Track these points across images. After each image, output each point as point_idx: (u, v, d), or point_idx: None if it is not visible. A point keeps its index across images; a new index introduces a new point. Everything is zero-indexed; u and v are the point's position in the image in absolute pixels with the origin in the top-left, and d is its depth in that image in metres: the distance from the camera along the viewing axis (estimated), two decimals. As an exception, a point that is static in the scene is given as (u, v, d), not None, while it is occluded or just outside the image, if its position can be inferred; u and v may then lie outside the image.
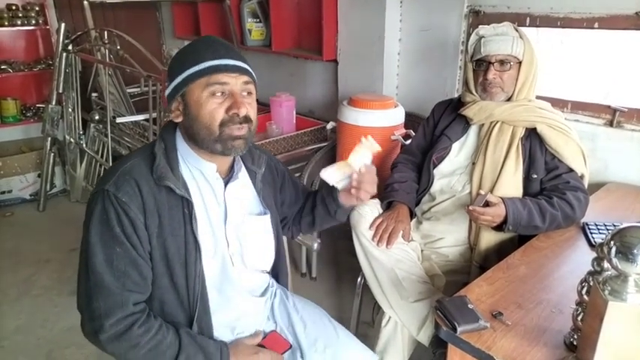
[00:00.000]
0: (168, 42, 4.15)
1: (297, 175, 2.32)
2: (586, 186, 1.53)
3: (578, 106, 1.98)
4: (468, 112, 1.60)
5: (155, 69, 2.33)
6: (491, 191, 1.49)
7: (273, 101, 2.65)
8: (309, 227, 1.40)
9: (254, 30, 3.20)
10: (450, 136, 1.66)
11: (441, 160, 1.66)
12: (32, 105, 3.63)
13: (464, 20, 2.21)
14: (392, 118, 2.12)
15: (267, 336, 1.22)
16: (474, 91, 1.60)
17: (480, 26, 1.57)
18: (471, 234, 1.58)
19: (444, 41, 2.29)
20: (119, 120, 2.77)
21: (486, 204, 1.41)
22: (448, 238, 1.62)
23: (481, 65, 1.56)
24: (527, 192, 1.52)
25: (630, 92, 1.87)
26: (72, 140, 3.25)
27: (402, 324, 1.50)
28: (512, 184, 1.51)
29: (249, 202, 1.21)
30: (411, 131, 2.11)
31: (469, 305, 1.07)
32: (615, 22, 1.79)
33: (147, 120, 2.56)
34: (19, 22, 3.35)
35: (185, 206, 1.06)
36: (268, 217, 1.22)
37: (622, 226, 0.84)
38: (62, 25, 3.01)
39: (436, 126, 1.76)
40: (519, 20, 2.00)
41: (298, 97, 2.76)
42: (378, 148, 1.18)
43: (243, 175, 1.21)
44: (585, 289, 0.93)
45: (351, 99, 2.15)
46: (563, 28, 1.93)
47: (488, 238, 1.52)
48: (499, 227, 1.43)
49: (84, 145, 3.21)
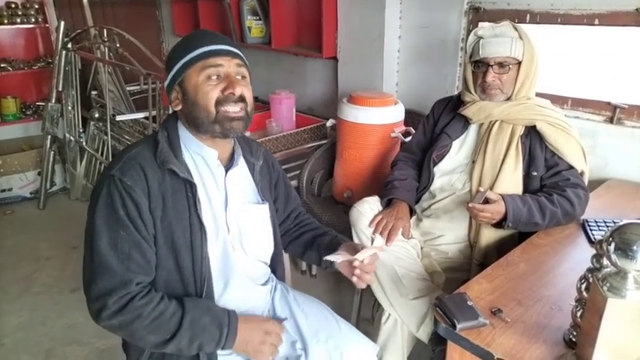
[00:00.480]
0: (167, 40, 4.15)
1: (297, 172, 2.33)
2: (586, 183, 1.53)
3: (579, 103, 1.98)
4: (467, 112, 1.60)
5: (155, 67, 2.33)
6: (490, 189, 1.49)
7: (273, 99, 2.65)
8: (293, 253, 1.44)
9: (254, 27, 3.19)
10: (450, 134, 1.66)
11: (441, 158, 1.66)
12: (32, 103, 3.63)
13: (464, 17, 2.20)
14: (392, 115, 2.12)
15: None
16: (472, 91, 1.59)
17: (479, 25, 1.57)
18: (470, 231, 1.58)
19: (444, 38, 2.29)
20: (119, 118, 2.77)
21: (486, 201, 1.41)
22: (448, 235, 1.62)
23: (480, 67, 1.55)
24: (527, 189, 1.52)
25: (631, 89, 1.86)
26: (72, 138, 3.25)
27: (402, 321, 1.50)
28: (512, 181, 1.51)
29: (249, 192, 1.24)
30: (411, 129, 2.11)
31: (468, 302, 1.07)
32: (616, 18, 1.79)
33: (147, 118, 2.56)
34: (19, 21, 3.36)
35: (188, 189, 1.08)
36: (267, 207, 1.24)
37: (621, 223, 0.83)
38: (62, 23, 3.01)
39: (436, 124, 1.75)
40: (519, 17, 1.99)
41: (298, 94, 2.76)
42: (386, 248, 1.26)
43: (243, 165, 1.23)
44: (585, 286, 0.93)
45: (351, 96, 2.15)
46: (563, 24, 1.93)
47: (488, 236, 1.52)
48: (499, 224, 1.43)
49: (84, 143, 3.21)
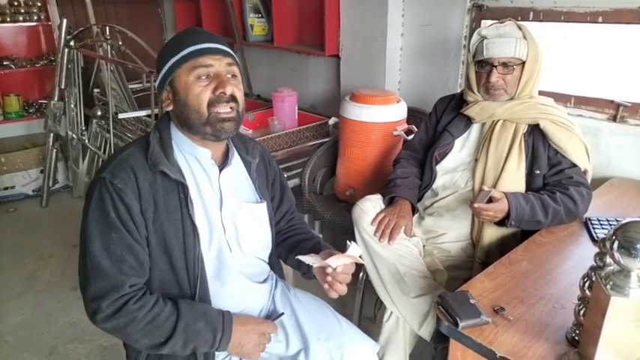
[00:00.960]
0: (170, 38, 4.14)
1: (300, 170, 2.33)
2: (589, 181, 1.53)
3: (582, 101, 1.97)
4: (470, 112, 1.59)
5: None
6: (493, 187, 1.48)
7: (275, 97, 2.65)
8: (279, 257, 1.39)
9: (256, 25, 3.19)
10: (453, 133, 1.65)
11: (443, 156, 1.66)
12: (34, 101, 3.63)
13: (467, 15, 2.19)
14: (394, 113, 2.11)
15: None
16: (476, 91, 1.59)
17: (482, 24, 1.56)
18: (473, 230, 1.58)
19: (447, 36, 2.28)
20: (121, 116, 2.77)
21: (489, 200, 1.40)
22: (450, 233, 1.62)
23: (484, 67, 1.54)
24: (530, 187, 1.52)
25: (634, 87, 1.85)
26: (74, 136, 3.26)
27: (404, 319, 1.50)
28: (514, 180, 1.51)
29: (245, 191, 1.23)
30: (414, 127, 2.11)
31: (471, 300, 1.07)
32: (619, 16, 1.78)
33: (149, 116, 2.56)
34: (21, 18, 3.36)
35: (180, 191, 1.08)
36: (264, 206, 1.23)
37: (625, 221, 0.83)
38: (64, 21, 3.02)
39: (438, 122, 1.75)
40: (522, 15, 1.98)
41: (300, 92, 2.76)
42: (361, 260, 1.16)
43: (239, 164, 1.22)
44: (587, 284, 0.93)
45: (353, 94, 2.14)
46: (566, 22, 1.92)
47: (491, 234, 1.52)
48: (501, 222, 1.43)
49: (86, 140, 3.22)
